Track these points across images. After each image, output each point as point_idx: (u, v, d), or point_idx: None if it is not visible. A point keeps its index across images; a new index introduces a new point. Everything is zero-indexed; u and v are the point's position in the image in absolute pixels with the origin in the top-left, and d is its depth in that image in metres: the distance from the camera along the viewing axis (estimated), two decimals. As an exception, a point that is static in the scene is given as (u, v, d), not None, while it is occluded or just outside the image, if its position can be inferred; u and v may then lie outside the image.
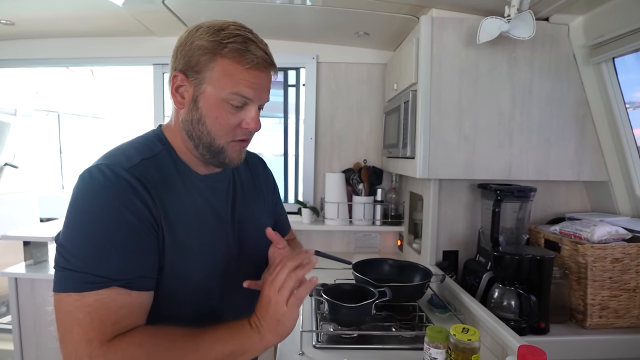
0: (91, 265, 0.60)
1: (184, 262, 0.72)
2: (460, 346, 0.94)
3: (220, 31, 0.71)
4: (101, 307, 0.59)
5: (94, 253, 0.61)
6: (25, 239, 1.90)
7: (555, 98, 1.45)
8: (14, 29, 1.99)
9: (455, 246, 1.66)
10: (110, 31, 2.04)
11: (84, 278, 0.59)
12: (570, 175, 1.48)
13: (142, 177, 0.67)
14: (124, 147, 0.73)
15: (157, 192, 0.68)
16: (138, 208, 0.65)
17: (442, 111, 1.45)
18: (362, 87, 2.18)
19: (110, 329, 0.59)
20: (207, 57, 0.70)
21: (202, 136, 0.74)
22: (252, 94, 0.73)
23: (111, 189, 0.64)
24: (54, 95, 3.91)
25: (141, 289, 0.64)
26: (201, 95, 0.72)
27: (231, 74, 0.70)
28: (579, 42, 1.40)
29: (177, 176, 0.75)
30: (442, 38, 1.43)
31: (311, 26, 1.88)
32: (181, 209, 0.72)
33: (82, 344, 0.58)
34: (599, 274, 1.27)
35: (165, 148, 0.76)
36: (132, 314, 0.62)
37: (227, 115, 0.73)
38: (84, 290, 0.59)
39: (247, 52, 0.70)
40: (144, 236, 0.65)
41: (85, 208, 0.63)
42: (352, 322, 1.17)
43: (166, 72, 2.22)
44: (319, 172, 2.22)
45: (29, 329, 1.84)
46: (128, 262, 0.62)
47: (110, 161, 0.67)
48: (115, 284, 0.60)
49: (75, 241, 0.62)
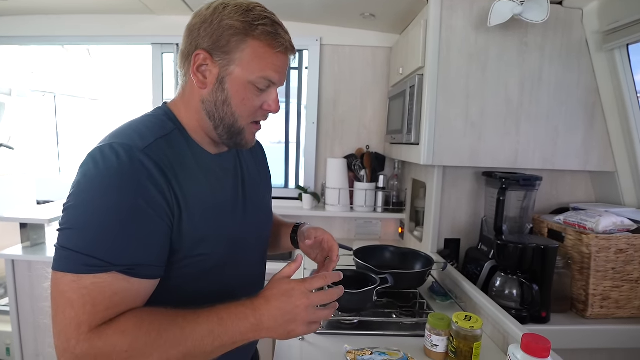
0: (92, 248, 0.58)
1: (201, 242, 0.71)
2: (462, 334, 0.94)
3: (249, 12, 0.69)
4: (96, 290, 0.57)
5: (97, 236, 0.59)
6: (22, 221, 1.88)
7: (565, 85, 1.42)
8: (7, 5, 1.92)
9: (457, 234, 1.65)
10: (108, 8, 1.98)
11: (84, 260, 0.57)
12: (576, 165, 1.46)
13: (158, 159, 0.64)
14: (135, 125, 0.70)
15: (173, 174, 0.66)
16: (152, 195, 0.62)
17: (448, 96, 1.42)
18: (366, 71, 2.14)
19: (102, 315, 0.58)
20: (238, 38, 0.68)
21: (226, 117, 0.73)
22: (277, 78, 0.73)
23: (124, 173, 0.61)
24: (50, 75, 3.83)
25: (142, 276, 0.62)
26: (228, 76, 0.70)
27: (261, 56, 0.70)
28: (593, 28, 1.35)
29: (191, 156, 0.73)
30: (452, 21, 1.39)
31: (315, 6, 1.83)
32: (197, 189, 0.71)
33: (72, 326, 0.56)
34: (602, 265, 1.26)
35: (177, 127, 0.74)
36: (127, 300, 0.60)
37: (252, 97, 0.72)
38: (81, 272, 0.57)
39: (277, 35, 0.70)
40: (154, 224, 0.63)
41: (94, 189, 0.60)
42: (353, 308, 1.17)
43: (165, 52, 2.17)
44: (320, 158, 2.20)
45: (26, 310, 1.83)
46: (131, 248, 0.60)
47: (124, 140, 0.64)
48: (115, 269, 0.58)
49: (79, 221, 0.60)
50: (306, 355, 1.01)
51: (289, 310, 0.65)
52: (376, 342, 1.05)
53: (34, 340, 1.86)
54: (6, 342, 2.07)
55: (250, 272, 0.86)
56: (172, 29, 2.08)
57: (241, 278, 0.82)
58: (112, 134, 0.67)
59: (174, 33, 2.08)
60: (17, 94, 3.00)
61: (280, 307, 0.65)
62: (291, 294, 0.66)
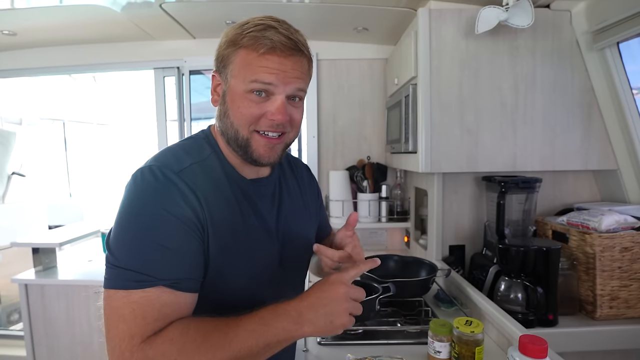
0: (138, 264, 0.61)
1: (230, 266, 0.71)
2: (463, 339, 0.94)
3: (243, 25, 0.71)
4: (145, 304, 0.60)
5: (141, 252, 0.62)
6: (34, 246, 1.93)
7: (559, 86, 1.42)
8: (16, 39, 2.02)
9: (461, 240, 1.64)
10: (111, 37, 2.06)
11: (132, 276, 0.60)
12: (577, 164, 1.45)
13: (191, 182, 0.67)
14: (174, 150, 0.74)
15: (205, 197, 0.68)
16: (184, 211, 0.65)
17: (443, 104, 1.43)
18: (364, 83, 2.17)
19: (152, 326, 0.60)
20: (229, 50, 0.71)
21: (228, 129, 0.74)
22: (272, 79, 0.69)
23: (160, 191, 0.65)
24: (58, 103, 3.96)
25: (186, 290, 0.64)
26: (228, 89, 0.73)
27: (249, 62, 0.70)
28: (582, 28, 1.37)
29: (225, 180, 0.74)
30: (441, 30, 1.41)
31: (309, 23, 1.88)
32: (228, 214, 0.72)
33: (125, 339, 0.59)
34: (608, 264, 1.25)
35: (214, 150, 0.76)
36: (175, 313, 0.63)
37: (250, 105, 0.71)
38: (130, 287, 0.60)
39: (262, 37, 0.68)
40: (190, 238, 0.65)
41: (134, 208, 0.65)
42: (356, 317, 1.16)
43: (167, 76, 2.24)
44: (322, 171, 2.22)
45: (40, 334, 1.87)
46: (174, 262, 0.63)
47: (161, 163, 0.68)
48: (161, 283, 0.61)
49: (124, 240, 0.63)
50: (310, 366, 1.01)
51: (329, 299, 0.65)
52: (381, 351, 1.05)
53: (48, 363, 1.88)
54: (21, 366, 2.10)
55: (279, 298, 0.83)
56: (172, 53, 2.14)
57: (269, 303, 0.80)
58: (153, 157, 0.71)
59: (174, 57, 2.15)
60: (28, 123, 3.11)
61: (320, 297, 0.65)
62: (329, 283, 0.66)
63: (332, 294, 0.65)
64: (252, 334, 0.61)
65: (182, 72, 2.20)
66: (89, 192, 4.04)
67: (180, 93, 2.23)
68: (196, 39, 2.12)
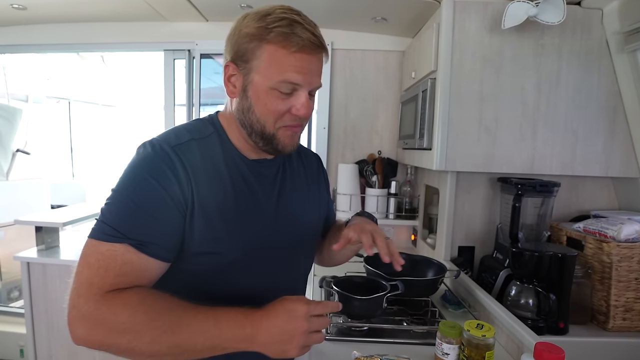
0: (113, 219, 0.66)
1: (215, 241, 0.73)
2: (474, 342, 0.92)
3: (266, 16, 0.69)
4: (110, 257, 0.63)
5: (118, 209, 0.67)
6: (38, 224, 1.91)
7: (584, 88, 1.37)
8: (26, 14, 1.97)
9: (471, 242, 1.60)
10: (122, 15, 2.01)
11: (105, 229, 0.65)
12: (597, 170, 1.41)
13: (184, 157, 0.70)
14: (179, 127, 0.77)
15: (195, 173, 0.71)
16: (169, 182, 0.68)
17: (462, 100, 1.39)
18: (378, 76, 2.11)
19: (111, 281, 0.63)
20: (253, 45, 0.70)
21: (253, 124, 0.75)
22: (300, 79, 0.71)
23: (152, 160, 0.69)
24: (65, 82, 3.92)
25: (151, 254, 0.66)
26: (250, 84, 0.72)
27: (278, 60, 0.69)
28: (613, 28, 1.31)
29: (222, 159, 0.76)
30: (465, 23, 1.36)
31: (326, 11, 1.82)
32: (219, 192, 0.73)
33: (85, 285, 0.62)
34: (625, 275, 1.21)
35: (217, 131, 0.79)
36: (135, 273, 0.65)
37: (276, 102, 0.72)
38: (101, 239, 0.65)
39: (292, 35, 0.68)
40: (168, 208, 0.68)
41: (127, 174, 0.70)
42: (362, 314, 1.15)
43: (177, 58, 2.19)
44: (331, 163, 2.18)
45: (40, 312, 1.86)
46: (145, 224, 0.66)
47: (162, 138, 0.73)
48: (128, 242, 0.64)
49: (111, 198, 0.68)
50: (314, 362, 0.98)
51: (287, 330, 0.64)
52: (386, 350, 1.03)
53: (47, 341, 1.88)
54: (20, 343, 2.10)
55: (275, 282, 0.83)
56: (184, 35, 2.10)
57: (264, 285, 0.80)
58: (159, 134, 0.76)
59: (186, 39, 2.11)
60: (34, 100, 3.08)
61: (279, 325, 0.64)
62: (293, 315, 0.65)
63: (293, 328, 0.64)
64: (202, 333, 0.62)
65: (192, 55, 2.15)
66: (92, 174, 4.03)
67: (190, 77, 2.19)
68: (209, 21, 2.07)
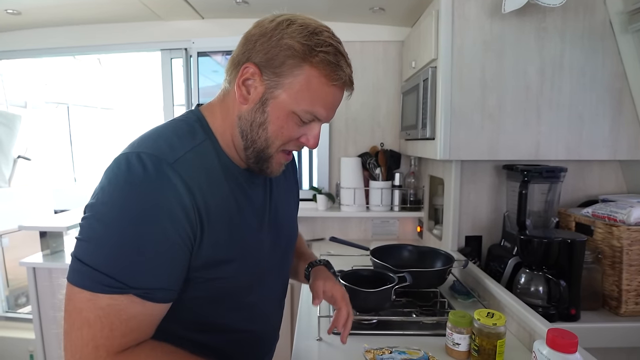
0: (111, 267, 0.54)
1: (226, 260, 0.67)
2: (485, 331, 0.91)
3: (314, 35, 0.63)
4: (113, 313, 0.55)
5: (117, 254, 0.55)
6: (42, 229, 1.91)
7: (588, 70, 1.34)
8: (20, 19, 1.96)
9: (478, 231, 1.59)
10: (117, 17, 2.00)
11: (101, 279, 0.54)
12: (604, 154, 1.38)
13: (186, 175, 0.59)
14: (165, 133, 0.65)
15: (201, 191, 0.61)
16: (176, 215, 0.58)
17: (464, 88, 1.37)
18: (378, 67, 2.09)
19: (119, 341, 0.56)
20: (294, 61, 0.63)
21: (257, 140, 0.67)
22: (324, 115, 0.67)
23: (150, 185, 0.57)
24: (63, 86, 3.91)
25: (158, 300, 0.58)
26: (272, 99, 0.65)
27: (314, 88, 0.64)
28: (617, 8, 1.28)
29: (220, 170, 0.68)
30: (464, 9, 1.34)
31: (322, 2, 1.80)
32: (224, 208, 0.66)
33: (89, 347, 0.54)
34: (636, 258, 1.20)
35: (208, 137, 0.68)
36: (142, 325, 0.58)
37: (293, 128, 0.67)
38: (98, 291, 0.54)
39: (338, 67, 0.64)
40: (176, 247, 0.59)
41: (115, 201, 0.56)
42: (371, 307, 1.15)
43: (174, 57, 2.17)
44: (333, 157, 2.16)
45: (49, 317, 1.86)
46: (151, 270, 0.57)
47: (153, 150, 0.59)
48: (132, 292, 0.55)
49: (99, 234, 0.56)
50: (324, 355, 0.98)
51: None
52: (396, 342, 1.02)
53: (57, 347, 1.88)
54: (29, 349, 2.10)
55: (270, 289, 0.82)
56: (180, 33, 2.08)
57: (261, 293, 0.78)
58: (141, 140, 0.62)
59: (182, 38, 2.09)
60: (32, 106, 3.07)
61: None
62: None
63: None
64: None
65: (189, 54, 2.14)
66: (93, 177, 4.03)
67: (188, 75, 2.17)
68: (205, 19, 2.05)
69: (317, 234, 2.15)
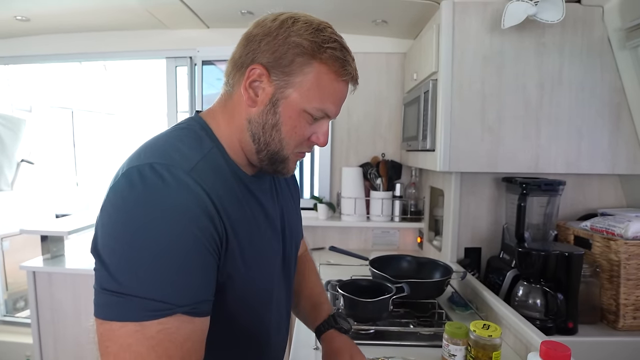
0: (150, 289, 0.49)
1: (249, 270, 0.65)
2: (480, 342, 0.91)
3: (319, 31, 0.62)
4: (166, 339, 0.49)
5: (152, 273, 0.50)
6: (43, 234, 1.92)
7: (587, 85, 1.36)
8: (29, 25, 2.00)
9: (477, 243, 1.59)
10: (123, 25, 2.03)
11: (143, 304, 0.49)
12: (603, 168, 1.39)
13: (204, 184, 0.56)
14: (171, 142, 0.61)
15: (220, 201, 0.58)
16: (202, 222, 0.54)
17: (464, 101, 1.38)
18: (380, 78, 2.12)
19: None
20: (303, 59, 0.62)
21: (271, 143, 0.65)
22: (333, 111, 0.67)
23: (174, 198, 0.53)
24: (68, 91, 3.95)
25: (204, 314, 0.55)
26: (283, 99, 0.63)
27: (324, 84, 0.63)
28: (615, 25, 1.30)
29: (232, 178, 0.65)
30: (464, 23, 1.36)
31: (325, 14, 1.79)
32: (242, 216, 0.64)
33: None
34: (634, 272, 1.20)
35: (215, 145, 0.65)
36: (196, 345, 0.54)
37: (305, 126, 0.66)
38: (144, 319, 0.48)
39: (345, 62, 0.64)
40: (207, 254, 0.55)
41: (137, 218, 0.51)
42: (368, 317, 1.15)
43: (179, 66, 2.21)
44: (335, 167, 2.18)
45: (47, 321, 1.86)
46: (193, 284, 0.53)
47: (165, 160, 0.55)
48: (180, 311, 0.51)
49: (127, 258, 0.50)
50: (321, 366, 0.98)
51: None
52: (393, 352, 1.03)
53: (54, 350, 1.88)
54: (26, 353, 2.10)
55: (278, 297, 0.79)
56: (185, 42, 2.11)
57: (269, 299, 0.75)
58: (146, 151, 0.58)
59: (187, 46, 2.12)
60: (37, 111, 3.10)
61: None
62: None
63: None
64: None
65: (194, 62, 2.17)
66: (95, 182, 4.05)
67: (192, 84, 2.20)
68: (210, 28, 2.09)
69: (317, 243, 2.16)
